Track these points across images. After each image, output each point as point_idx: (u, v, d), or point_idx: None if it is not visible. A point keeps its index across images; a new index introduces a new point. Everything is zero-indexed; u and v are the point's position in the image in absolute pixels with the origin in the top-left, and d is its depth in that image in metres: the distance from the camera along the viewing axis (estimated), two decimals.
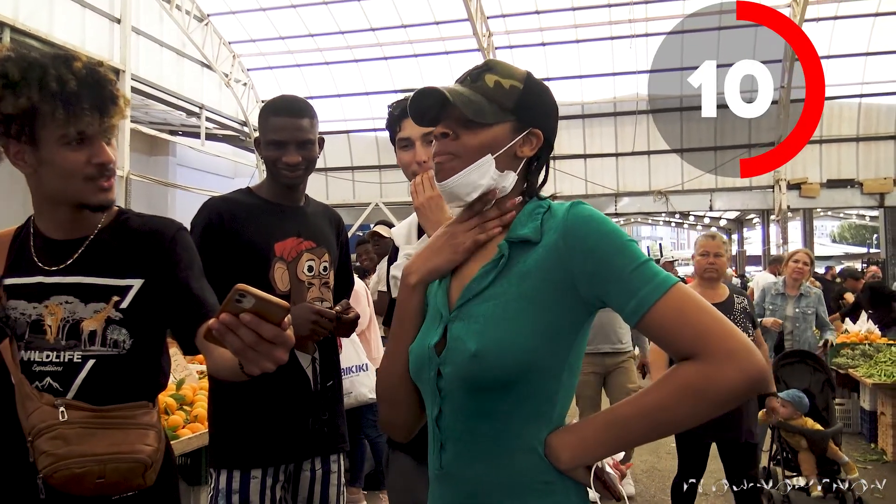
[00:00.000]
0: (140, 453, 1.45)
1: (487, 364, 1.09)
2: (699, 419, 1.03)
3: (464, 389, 1.14)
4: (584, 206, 1.15)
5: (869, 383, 5.49)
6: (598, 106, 15.28)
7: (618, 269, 1.06)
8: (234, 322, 0.96)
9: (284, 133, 1.97)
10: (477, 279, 1.17)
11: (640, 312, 1.05)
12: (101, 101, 1.40)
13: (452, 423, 1.17)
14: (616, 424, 1.08)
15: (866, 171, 14.09)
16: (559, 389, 1.14)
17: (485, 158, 1.16)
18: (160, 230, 1.57)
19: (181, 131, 15.81)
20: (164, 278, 1.52)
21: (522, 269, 1.13)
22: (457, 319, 1.16)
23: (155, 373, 1.60)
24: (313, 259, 2.07)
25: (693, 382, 1.01)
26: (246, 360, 1.01)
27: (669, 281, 1.05)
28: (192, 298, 1.49)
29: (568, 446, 1.10)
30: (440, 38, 14.22)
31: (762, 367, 1.00)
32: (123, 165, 11.30)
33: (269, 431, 1.95)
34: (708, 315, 1.03)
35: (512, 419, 1.12)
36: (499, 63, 1.22)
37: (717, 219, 24.50)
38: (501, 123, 1.18)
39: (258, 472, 1.94)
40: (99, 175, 1.45)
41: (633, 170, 15.21)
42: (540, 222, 1.16)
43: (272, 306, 0.96)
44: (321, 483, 2.06)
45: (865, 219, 26.08)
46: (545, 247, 1.12)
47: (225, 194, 2.08)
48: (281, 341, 0.99)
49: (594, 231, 1.09)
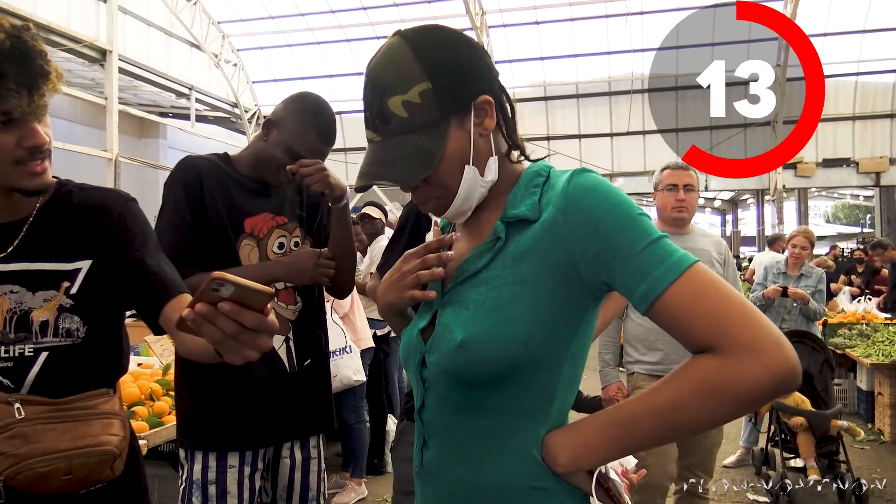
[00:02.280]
0: (107, 444, 1.36)
1: (474, 356, 0.96)
2: (717, 421, 0.89)
3: (448, 382, 1.02)
4: (587, 174, 0.99)
5: (867, 363, 5.45)
6: (593, 85, 15.15)
7: (626, 248, 0.91)
8: (211, 312, 0.85)
9: (312, 154, 1.88)
10: (470, 260, 1.04)
11: (651, 298, 0.90)
12: (29, 77, 1.22)
13: (436, 417, 1.05)
14: (622, 424, 0.94)
15: (862, 150, 14.01)
16: (559, 383, 1.01)
17: (466, 173, 1.02)
18: (106, 204, 1.44)
19: (171, 113, 15.63)
20: (116, 257, 1.40)
21: (518, 250, 0.99)
22: (447, 304, 1.04)
23: (114, 357, 1.50)
24: (284, 235, 1.98)
25: (710, 379, 0.86)
26: (226, 350, 0.91)
27: (686, 261, 0.90)
28: (149, 276, 1.38)
29: (567, 447, 0.97)
30: (433, 17, 14.04)
31: (791, 363, 0.85)
32: (112, 147, 11.14)
33: (242, 413, 1.86)
34: (730, 301, 0.88)
35: (503, 415, 1.00)
36: (380, 69, 1.01)
37: (712, 199, 24.47)
38: (447, 137, 1.01)
39: (235, 460, 1.85)
40: (30, 158, 1.29)
41: (628, 150, 15.11)
42: (538, 196, 1.02)
43: (254, 293, 0.85)
44: (301, 470, 1.98)
45: (859, 198, 26.07)
46: (543, 223, 0.98)
47: (204, 155, 1.97)
48: (264, 328, 0.89)
49: (599, 203, 0.94)
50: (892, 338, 5.75)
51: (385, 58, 1.02)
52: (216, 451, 1.85)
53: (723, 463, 5.00)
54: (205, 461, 1.85)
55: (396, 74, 1.00)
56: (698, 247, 3.02)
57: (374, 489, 4.57)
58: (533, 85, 15.42)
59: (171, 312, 1.33)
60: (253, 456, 1.88)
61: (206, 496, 1.84)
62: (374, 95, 1.02)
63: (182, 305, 1.32)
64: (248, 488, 1.87)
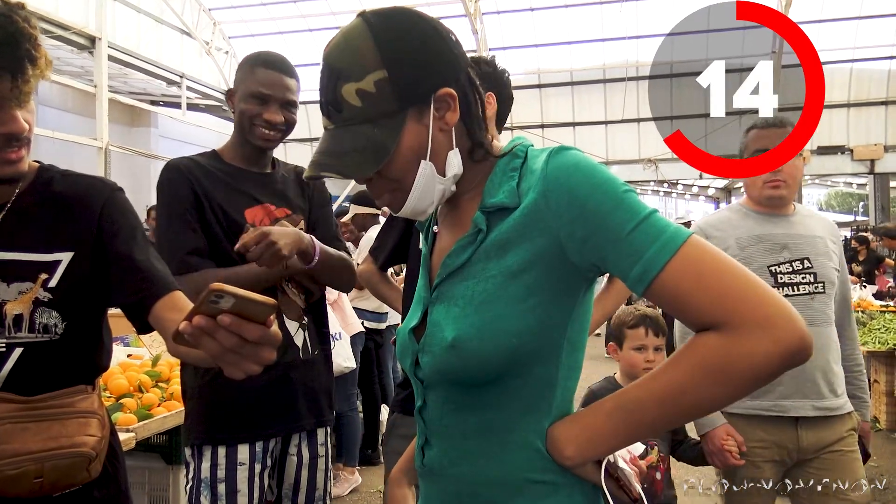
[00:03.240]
0: (82, 446, 1.29)
1: (467, 355, 0.92)
2: (727, 400, 0.86)
3: (445, 382, 0.98)
4: (567, 152, 0.93)
5: (863, 351, 5.41)
6: (588, 73, 15.06)
7: (615, 230, 0.87)
8: (210, 325, 0.79)
9: (272, 88, 1.84)
10: (453, 254, 1.00)
11: (648, 279, 0.86)
12: (13, 60, 1.15)
13: (437, 416, 1.02)
14: (628, 410, 0.90)
15: (857, 137, 13.97)
16: (558, 371, 0.97)
17: (421, 169, 0.96)
18: (90, 193, 1.37)
19: (162, 101, 15.47)
20: (100, 250, 1.33)
21: (501, 240, 0.95)
22: (437, 301, 1.00)
23: (94, 355, 1.43)
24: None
25: (718, 357, 0.82)
26: (226, 363, 0.85)
27: (680, 235, 0.86)
28: (138, 272, 1.31)
29: (573, 438, 0.94)
30: (426, 3, 13.90)
31: (802, 334, 0.81)
32: (102, 136, 11.01)
33: (255, 400, 1.81)
34: (733, 274, 0.84)
35: (504, 410, 0.96)
36: (336, 52, 0.95)
37: (706, 187, 24.46)
38: (403, 129, 0.94)
39: (245, 456, 1.80)
40: (5, 146, 1.22)
41: (622, 138, 15.04)
42: (516, 181, 0.96)
43: (255, 305, 0.79)
44: (308, 468, 1.94)
45: (853, 186, 26.08)
46: (524, 210, 0.93)
47: (189, 156, 1.92)
48: (267, 341, 0.83)
49: (582, 184, 0.89)
50: (888, 325, 5.73)
51: (342, 41, 0.95)
52: (226, 443, 1.80)
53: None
54: (213, 458, 1.79)
55: (352, 60, 0.93)
56: (808, 233, 2.22)
57: (367, 479, 4.53)
58: (527, 72, 15.31)
59: (161, 311, 1.26)
60: (263, 451, 1.83)
61: (215, 495, 1.78)
62: (328, 80, 0.95)
63: (174, 304, 1.25)
64: (258, 486, 1.83)
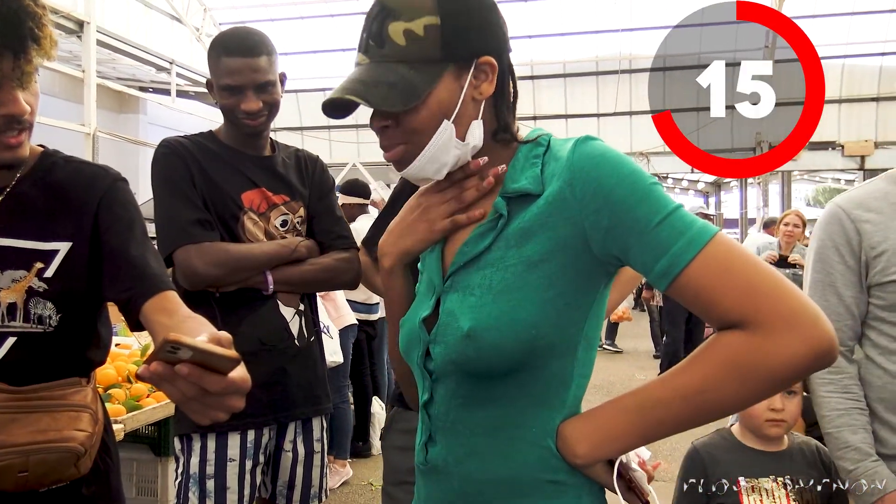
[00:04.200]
0: (71, 440, 1.24)
1: (483, 345, 0.90)
2: (749, 401, 0.85)
3: (457, 374, 0.95)
4: (593, 142, 0.93)
5: None
6: (580, 65, 15.01)
7: (642, 222, 0.86)
8: (168, 373, 0.75)
9: (239, 76, 1.73)
10: (471, 242, 0.97)
11: (674, 273, 0.84)
12: (15, 38, 1.10)
13: (444, 411, 0.99)
14: (646, 409, 0.88)
15: (847, 133, 14.01)
16: (574, 368, 0.95)
17: (441, 129, 0.94)
18: (92, 182, 1.32)
19: (151, 88, 15.31)
20: (98, 242, 1.28)
21: (522, 228, 0.93)
22: (451, 290, 0.98)
23: (91, 348, 1.38)
24: (288, 214, 1.88)
25: (744, 356, 0.81)
26: (190, 411, 0.81)
27: (707, 232, 0.85)
28: (131, 268, 1.26)
29: (586, 436, 0.91)
30: None
31: (831, 336, 0.80)
32: (90, 122, 10.88)
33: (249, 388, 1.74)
34: (760, 272, 0.83)
35: (517, 406, 0.93)
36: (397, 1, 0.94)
37: (696, 181, 24.50)
38: (439, 81, 0.94)
39: (236, 451, 1.75)
40: (6, 128, 1.18)
41: (614, 131, 15.01)
42: (540, 168, 0.95)
43: (215, 358, 0.76)
44: (304, 465, 1.88)
45: (840, 182, 26.22)
46: (547, 198, 0.92)
47: (186, 135, 1.86)
48: (233, 391, 0.79)
49: (609, 174, 0.88)
50: None
51: None
52: (216, 431, 1.73)
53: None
54: (203, 453, 1.73)
55: (406, 4, 0.93)
56: None
57: (358, 472, 4.51)
58: (520, 64, 15.22)
59: (151, 313, 1.21)
60: (255, 445, 1.77)
61: (203, 492, 1.73)
62: (377, 15, 0.95)
63: (164, 305, 1.21)
64: (249, 483, 1.77)
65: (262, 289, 1.78)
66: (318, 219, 1.93)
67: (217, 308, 1.73)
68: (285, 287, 1.82)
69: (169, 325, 1.15)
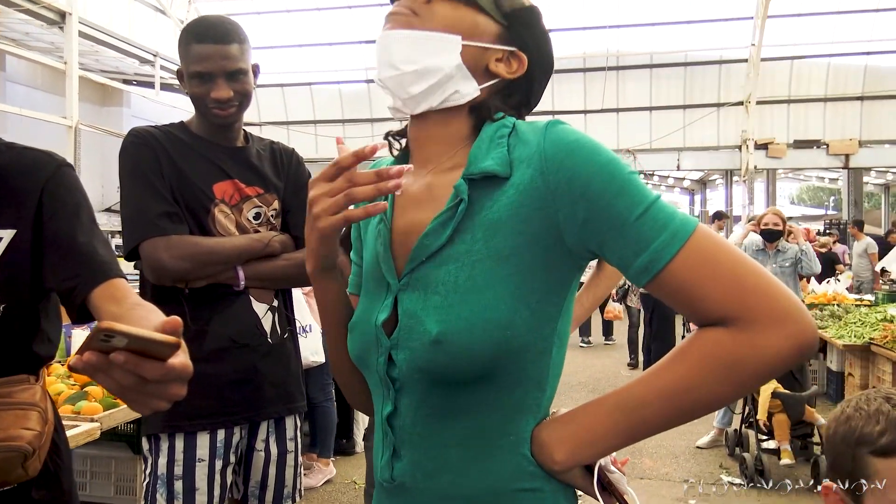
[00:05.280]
0: (17, 440, 1.17)
1: (455, 351, 0.82)
2: (733, 397, 0.82)
3: (425, 382, 0.87)
4: (563, 127, 0.86)
5: (839, 345, 5.44)
6: (568, 61, 15.00)
7: (621, 216, 0.80)
8: (102, 362, 0.70)
9: (209, 63, 1.68)
10: (430, 234, 0.88)
11: (656, 269, 0.80)
12: None
13: (411, 423, 0.90)
14: (628, 409, 0.83)
15: (832, 131, 14.09)
16: (549, 369, 0.89)
17: (451, 37, 0.91)
18: (34, 167, 1.26)
19: (135, 80, 15.14)
20: (42, 229, 1.22)
21: (490, 219, 0.85)
22: (409, 288, 0.89)
23: (36, 341, 1.31)
24: (261, 206, 1.81)
25: (729, 353, 0.78)
26: (129, 402, 0.77)
27: (688, 226, 0.80)
28: (77, 255, 1.21)
29: (566, 440, 0.85)
30: None
31: (814, 330, 0.78)
32: (72, 115, 10.73)
33: (216, 388, 1.69)
34: (744, 267, 0.79)
35: (493, 414, 0.87)
36: None
37: (682, 179, 24.59)
38: (487, 16, 0.94)
39: (205, 451, 1.69)
40: None
41: (601, 128, 15.02)
42: (506, 149, 0.88)
43: (153, 344, 0.72)
44: (276, 465, 1.81)
45: (824, 181, 26.41)
46: (517, 186, 0.85)
47: (156, 125, 1.79)
48: (174, 377, 0.74)
49: (584, 163, 0.82)
50: (864, 319, 5.76)
51: None
52: (184, 431, 1.67)
53: (696, 444, 4.98)
54: (171, 453, 1.67)
55: None
56: None
57: (342, 470, 4.46)
58: None
59: (100, 301, 1.16)
60: (225, 445, 1.71)
61: (171, 493, 1.66)
62: None
63: (112, 293, 1.15)
64: (220, 484, 1.70)
65: (233, 284, 1.72)
66: (293, 213, 1.86)
67: (186, 304, 1.67)
68: (257, 283, 1.76)
69: (117, 314, 1.10)
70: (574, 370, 7.75)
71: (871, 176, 19.63)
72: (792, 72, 14.16)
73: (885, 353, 4.92)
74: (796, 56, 14.06)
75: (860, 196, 16.47)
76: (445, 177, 0.92)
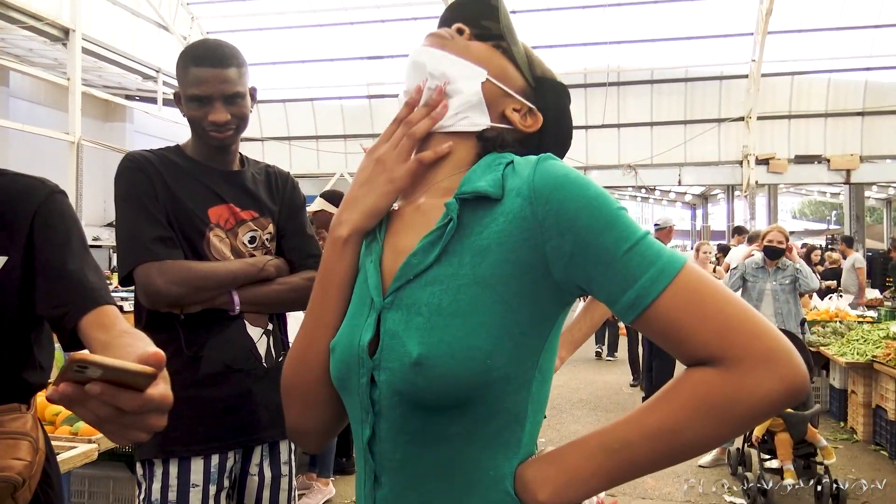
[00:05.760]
0: (7, 470, 1.16)
1: (434, 374, 0.81)
2: (721, 440, 0.79)
3: (404, 406, 0.86)
4: (553, 162, 0.87)
5: (842, 362, 5.42)
6: (569, 77, 15.06)
7: (608, 251, 0.80)
8: (78, 394, 0.69)
9: (207, 86, 1.68)
10: (418, 252, 0.88)
11: (642, 306, 0.79)
12: None
13: (390, 448, 0.88)
14: (613, 451, 0.80)
15: (833, 147, 14.11)
16: (529, 403, 0.88)
17: (478, 68, 0.98)
18: (28, 194, 1.26)
19: (137, 96, 15.22)
20: (33, 256, 1.22)
21: (479, 244, 0.85)
22: (393, 307, 0.88)
23: (28, 369, 1.30)
24: (256, 230, 1.81)
25: (718, 395, 0.76)
26: (107, 433, 0.76)
27: (676, 262, 0.79)
28: (67, 281, 1.20)
29: (549, 480, 0.83)
30: (408, 3, 13.81)
31: (804, 372, 0.77)
32: (75, 131, 10.78)
33: (211, 413, 1.69)
34: (732, 306, 0.78)
35: (470, 446, 0.85)
36: None
37: (683, 194, 24.63)
38: (518, 70, 1.01)
39: (199, 476, 1.68)
40: None
41: (602, 143, 15.06)
42: (501, 175, 0.89)
43: (129, 374, 0.71)
44: (270, 489, 1.80)
45: (826, 195, 26.45)
46: (507, 215, 0.85)
47: (151, 149, 1.80)
48: (152, 408, 0.73)
49: (573, 198, 0.82)
50: (867, 336, 5.74)
51: None
52: (178, 456, 1.67)
53: (698, 463, 4.94)
54: (165, 478, 1.66)
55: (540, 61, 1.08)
56: None
57: (341, 489, 4.43)
58: None
59: (89, 328, 1.15)
60: (220, 469, 1.70)
61: None
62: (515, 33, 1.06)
63: (101, 321, 1.14)
64: None
65: (228, 309, 1.72)
66: (289, 237, 1.86)
67: (181, 330, 1.67)
68: (252, 308, 1.75)
69: (105, 341, 1.09)
70: (577, 386, 7.72)
71: (872, 190, 19.65)
72: (792, 87, 14.20)
73: (888, 371, 4.89)
74: (797, 72, 14.12)
75: (862, 211, 16.47)
76: (440, 199, 0.92)
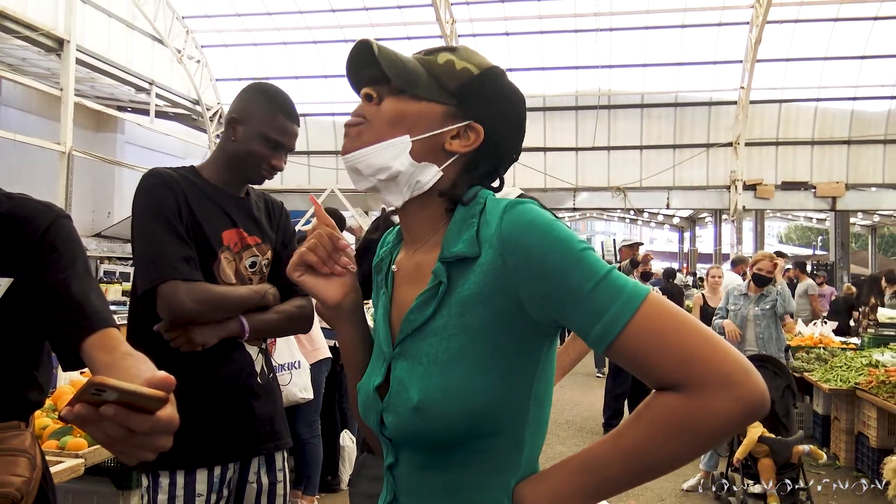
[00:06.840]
0: (6, 486, 1.19)
1: (432, 417, 0.91)
2: (690, 457, 0.86)
3: (411, 442, 0.96)
4: (522, 207, 0.92)
5: (826, 388, 5.47)
6: (560, 99, 15.20)
7: (575, 291, 0.86)
8: (93, 415, 0.73)
9: (288, 139, 1.90)
10: (415, 310, 0.97)
11: (608, 340, 0.85)
12: None
13: (407, 473, 1.00)
14: (593, 469, 0.88)
15: (820, 174, 14.31)
16: (525, 429, 0.96)
17: (399, 139, 0.98)
18: (33, 218, 1.29)
19: (130, 107, 15.21)
20: (38, 278, 1.25)
21: (463, 296, 0.93)
22: (400, 357, 0.98)
23: (28, 388, 1.33)
24: (258, 256, 1.92)
25: (681, 417, 0.83)
26: (116, 452, 0.80)
27: (638, 295, 0.86)
28: (71, 304, 1.22)
29: (541, 498, 0.91)
30: (402, 23, 13.93)
31: (762, 391, 0.82)
32: (66, 141, 10.75)
33: (214, 426, 1.78)
34: (692, 333, 0.84)
35: (473, 471, 0.94)
36: (466, 49, 1.04)
37: (671, 217, 24.78)
38: (434, 102, 1.00)
39: (203, 486, 1.76)
40: None
41: (592, 165, 15.18)
42: (475, 229, 0.95)
43: (142, 398, 0.75)
44: (267, 495, 1.90)
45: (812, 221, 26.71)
46: (483, 266, 0.92)
47: (172, 168, 1.88)
48: (161, 430, 0.77)
49: (539, 243, 0.88)
50: (850, 363, 5.79)
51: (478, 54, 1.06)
52: (185, 468, 1.75)
53: (681, 486, 4.96)
54: (171, 489, 1.74)
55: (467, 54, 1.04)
56: None
57: None
58: None
59: (92, 350, 1.18)
60: (221, 479, 1.79)
61: None
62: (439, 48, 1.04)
63: (105, 343, 1.17)
64: None
65: (238, 336, 1.83)
66: (283, 264, 1.95)
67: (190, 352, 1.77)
68: (257, 334, 1.88)
69: (108, 363, 1.12)
70: (562, 408, 7.73)
71: (857, 217, 19.86)
72: (780, 115, 14.41)
73: (869, 399, 4.95)
74: (785, 99, 14.33)
75: (847, 237, 16.64)
76: (431, 255, 1.00)
